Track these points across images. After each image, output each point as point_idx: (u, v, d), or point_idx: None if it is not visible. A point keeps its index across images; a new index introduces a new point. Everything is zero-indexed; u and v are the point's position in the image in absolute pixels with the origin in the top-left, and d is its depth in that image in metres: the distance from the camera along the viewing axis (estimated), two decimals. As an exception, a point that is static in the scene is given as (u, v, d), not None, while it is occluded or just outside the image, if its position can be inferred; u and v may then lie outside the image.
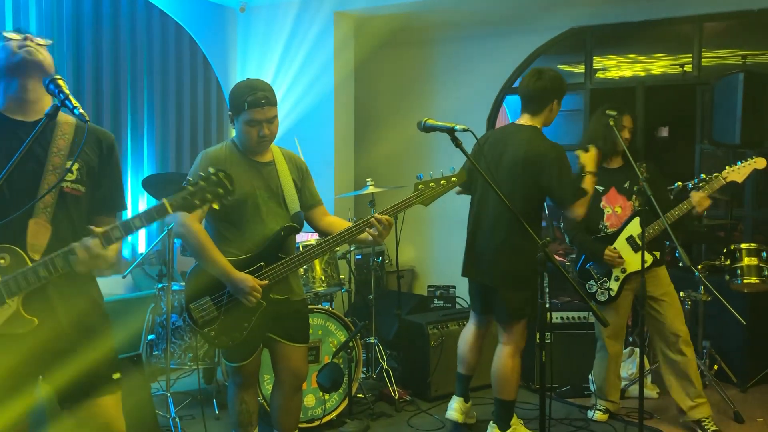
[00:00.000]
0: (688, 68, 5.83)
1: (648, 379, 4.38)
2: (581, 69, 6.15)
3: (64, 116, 2.09)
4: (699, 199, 3.60)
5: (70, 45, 4.78)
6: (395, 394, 4.18)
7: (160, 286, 4.01)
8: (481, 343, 3.70)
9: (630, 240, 3.72)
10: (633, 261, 3.69)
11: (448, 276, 5.58)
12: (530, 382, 4.48)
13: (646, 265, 3.55)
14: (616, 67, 6.54)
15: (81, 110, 1.86)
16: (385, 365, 4.31)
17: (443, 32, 6.27)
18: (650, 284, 3.65)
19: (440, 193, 2.73)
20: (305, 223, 2.93)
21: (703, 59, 5.43)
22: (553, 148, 3.36)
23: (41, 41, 2.08)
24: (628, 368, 4.37)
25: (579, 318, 4.45)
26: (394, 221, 2.80)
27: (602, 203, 3.82)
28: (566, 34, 5.88)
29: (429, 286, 5.77)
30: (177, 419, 3.71)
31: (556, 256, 6.18)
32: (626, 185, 3.80)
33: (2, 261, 1.93)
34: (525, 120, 3.49)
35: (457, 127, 2.53)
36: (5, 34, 2.05)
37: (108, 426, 2.14)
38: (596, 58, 5.98)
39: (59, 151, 2.03)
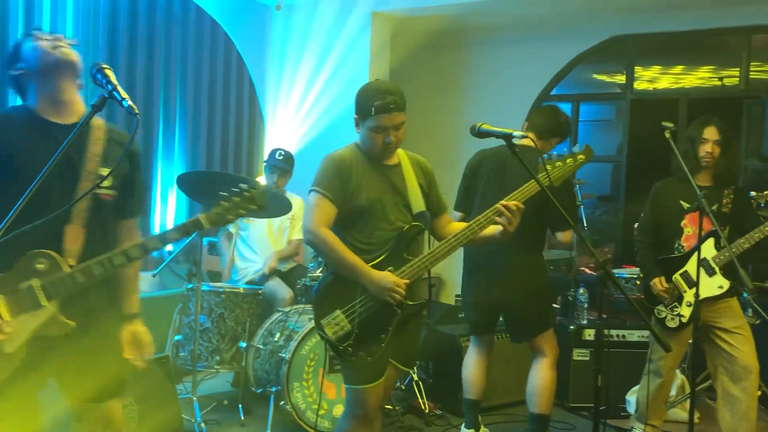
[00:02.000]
0: (728, 81, 5.66)
1: (688, 403, 4.21)
2: (617, 79, 6.01)
3: (95, 120, 2.06)
4: None
5: (106, 38, 4.72)
6: (425, 407, 4.05)
7: (189, 286, 3.92)
8: (487, 364, 3.66)
9: (703, 263, 3.40)
10: (706, 286, 3.40)
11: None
12: (564, 400, 4.34)
13: (721, 291, 3.41)
14: (656, 78, 6.39)
15: (130, 102, 1.77)
16: (414, 377, 4.18)
17: (482, 36, 6.15)
18: (722, 315, 3.43)
19: (568, 171, 2.61)
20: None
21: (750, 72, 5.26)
22: None
23: (71, 41, 2.07)
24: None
25: (617, 336, 4.30)
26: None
27: (684, 222, 3.52)
28: (607, 43, 5.74)
29: (457, 296, 5.62)
30: (202, 424, 3.60)
31: (586, 270, 6.01)
32: (714, 207, 3.43)
33: (41, 265, 1.93)
34: (529, 141, 3.38)
35: (516, 133, 2.38)
36: (36, 34, 2.03)
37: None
38: (637, 68, 5.83)
39: (94, 156, 2.02)
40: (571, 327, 4.34)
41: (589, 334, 4.35)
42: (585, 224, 4.91)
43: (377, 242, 2.60)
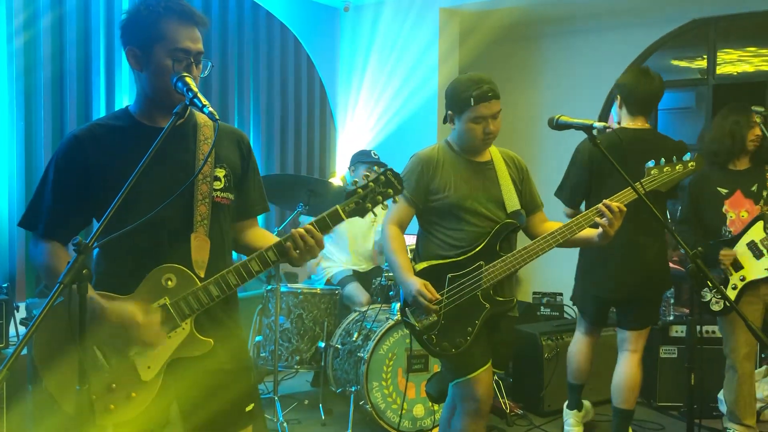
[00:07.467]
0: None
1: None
2: (696, 64, 5.75)
3: (203, 118, 1.97)
4: None
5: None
6: (506, 407, 3.99)
7: (269, 288, 3.98)
8: (593, 351, 3.64)
9: (751, 245, 3.42)
10: (754, 268, 3.40)
11: (553, 282, 5.32)
12: (651, 399, 4.19)
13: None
14: (740, 62, 6.09)
15: (210, 109, 1.76)
16: (494, 376, 4.11)
17: (553, 27, 6.00)
18: None
19: (677, 178, 2.53)
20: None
21: None
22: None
23: None
24: (763, 389, 3.99)
25: (707, 332, 4.11)
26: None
27: (725, 207, 3.54)
28: (687, 27, 5.50)
29: (534, 293, 5.50)
30: (284, 423, 3.65)
31: (671, 264, 5.77)
32: (754, 188, 3.50)
33: (169, 282, 1.81)
34: (642, 124, 3.38)
35: (596, 124, 2.31)
36: None
37: None
38: (719, 53, 5.56)
39: (205, 157, 1.90)
40: (657, 323, 4.18)
41: (677, 330, 4.20)
42: (668, 216, 4.73)
43: (468, 238, 2.60)
